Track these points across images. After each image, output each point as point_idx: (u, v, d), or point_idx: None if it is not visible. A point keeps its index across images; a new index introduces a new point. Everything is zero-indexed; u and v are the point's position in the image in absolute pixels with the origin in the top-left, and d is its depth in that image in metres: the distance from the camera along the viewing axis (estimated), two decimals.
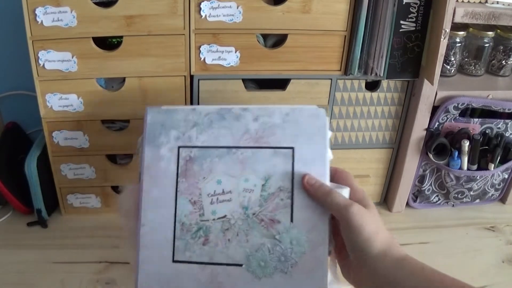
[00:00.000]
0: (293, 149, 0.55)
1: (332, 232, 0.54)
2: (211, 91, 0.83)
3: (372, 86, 0.88)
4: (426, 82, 0.84)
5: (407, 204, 1.00)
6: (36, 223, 0.89)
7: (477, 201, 1.01)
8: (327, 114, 0.55)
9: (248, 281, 0.53)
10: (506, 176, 0.98)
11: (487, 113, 0.90)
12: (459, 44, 0.88)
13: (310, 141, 0.55)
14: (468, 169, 0.92)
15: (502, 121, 0.91)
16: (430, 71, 0.82)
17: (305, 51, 0.81)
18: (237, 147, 0.55)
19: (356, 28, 0.79)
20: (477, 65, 0.92)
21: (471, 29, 0.89)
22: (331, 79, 0.84)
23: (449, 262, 0.86)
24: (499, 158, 0.91)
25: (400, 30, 0.80)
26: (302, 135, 0.55)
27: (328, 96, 0.86)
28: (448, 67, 0.90)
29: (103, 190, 0.91)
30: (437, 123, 0.89)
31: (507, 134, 0.92)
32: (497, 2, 0.81)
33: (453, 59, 0.90)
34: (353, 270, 0.50)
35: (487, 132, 0.91)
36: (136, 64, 0.78)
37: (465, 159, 0.90)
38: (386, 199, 1.02)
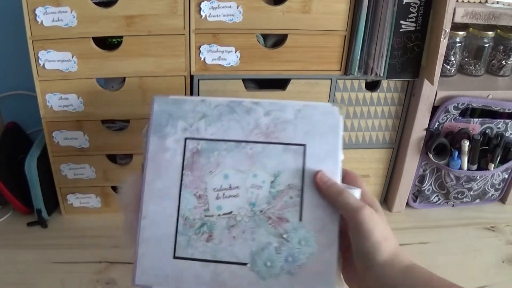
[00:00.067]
0: (304, 146, 0.53)
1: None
2: (211, 91, 0.83)
3: (372, 86, 0.88)
4: (426, 82, 0.84)
5: (407, 204, 1.00)
6: (36, 223, 0.89)
7: (477, 201, 1.01)
8: (341, 112, 0.54)
9: (252, 281, 0.50)
10: (506, 176, 0.98)
11: (487, 113, 0.90)
12: (459, 44, 0.88)
13: (322, 139, 0.53)
14: (468, 169, 0.92)
15: (502, 121, 0.91)
16: (430, 71, 0.82)
17: (305, 51, 0.81)
18: (246, 142, 0.53)
19: (356, 28, 0.79)
20: (477, 65, 0.92)
21: (471, 29, 0.89)
22: (331, 79, 0.84)
23: (449, 262, 0.86)
24: (499, 158, 0.91)
25: (400, 30, 0.80)
26: (315, 132, 0.53)
27: (328, 96, 0.86)
28: (448, 67, 0.90)
29: (103, 190, 0.91)
30: (437, 123, 0.89)
31: (507, 134, 0.92)
32: (497, 2, 0.81)
33: (453, 59, 0.90)
34: (358, 276, 0.49)
35: (487, 132, 0.91)
36: (136, 64, 0.78)
37: (465, 159, 0.90)
38: (386, 199, 1.02)
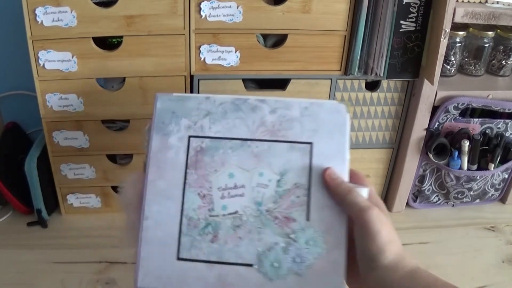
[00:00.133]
0: (311, 144, 0.52)
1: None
2: (211, 91, 0.83)
3: (372, 86, 0.88)
4: (426, 82, 0.84)
5: (407, 204, 1.00)
6: (36, 223, 0.89)
7: (477, 201, 1.01)
8: (347, 110, 0.53)
9: (259, 283, 0.49)
10: (506, 176, 0.98)
11: (487, 113, 0.90)
12: (459, 44, 0.88)
13: (329, 137, 0.52)
14: (468, 169, 0.92)
15: (502, 121, 0.91)
16: (430, 71, 0.82)
17: (305, 51, 0.81)
18: (252, 140, 0.52)
19: (356, 28, 0.79)
20: (477, 65, 0.92)
21: (471, 29, 0.89)
22: (331, 79, 0.84)
23: (449, 262, 0.86)
24: (499, 158, 0.91)
25: (400, 30, 0.80)
26: (322, 130, 0.52)
27: (328, 96, 0.86)
28: (448, 67, 0.90)
29: (103, 190, 0.91)
30: (437, 123, 0.89)
31: (507, 134, 0.92)
32: (497, 2, 0.81)
33: (453, 59, 0.90)
34: (360, 278, 0.48)
35: (487, 132, 0.91)
36: (136, 64, 0.78)
37: (465, 159, 0.90)
38: (386, 199, 1.02)
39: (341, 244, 0.49)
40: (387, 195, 1.01)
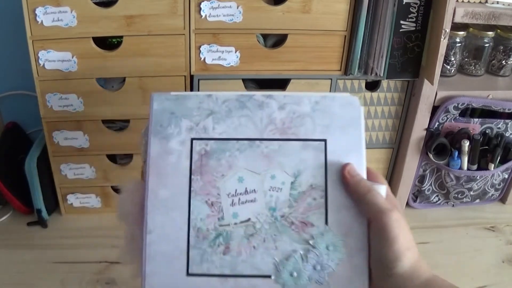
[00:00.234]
0: (325, 141, 0.48)
1: None
2: (211, 91, 0.83)
3: (372, 86, 0.88)
4: (426, 82, 0.84)
5: (407, 204, 1.00)
6: (36, 223, 0.89)
7: (477, 201, 1.01)
8: (361, 103, 0.50)
9: None
10: (506, 176, 0.98)
11: (487, 113, 0.90)
12: (459, 44, 0.88)
13: (343, 132, 0.48)
14: (468, 169, 0.92)
15: (502, 121, 0.91)
16: (430, 71, 0.82)
17: (305, 51, 0.81)
18: (261, 139, 0.48)
19: (356, 28, 0.79)
20: (477, 65, 0.92)
21: (471, 29, 0.89)
22: (331, 79, 0.84)
23: (449, 262, 0.86)
24: (499, 158, 0.91)
25: (400, 30, 0.80)
26: (335, 125, 0.49)
27: None
28: (448, 67, 0.90)
29: (103, 190, 0.91)
30: (437, 123, 0.89)
31: (507, 134, 0.92)
32: (497, 2, 0.81)
33: (453, 59, 0.90)
34: (373, 285, 0.46)
35: (487, 132, 0.91)
36: (136, 64, 0.78)
37: (465, 159, 0.90)
38: None
39: (362, 246, 0.46)
40: None
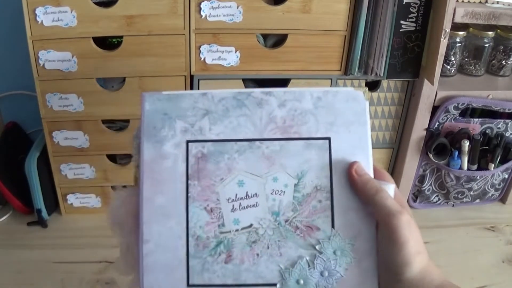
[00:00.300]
0: (329, 139, 0.46)
1: None
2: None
3: (372, 86, 0.88)
4: (426, 82, 0.84)
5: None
6: (36, 223, 0.89)
7: (477, 201, 1.01)
8: (366, 98, 0.47)
9: None
10: (506, 176, 0.98)
11: (487, 113, 0.90)
12: (459, 44, 0.88)
13: (348, 129, 0.46)
14: (468, 169, 0.92)
15: (502, 121, 0.90)
16: (430, 71, 0.82)
17: (305, 51, 0.81)
18: (261, 140, 0.46)
19: (356, 28, 0.79)
20: (477, 65, 0.92)
21: (471, 29, 0.89)
22: (331, 79, 0.84)
23: (449, 262, 0.86)
24: (499, 158, 0.91)
25: (400, 30, 0.80)
26: (339, 122, 0.46)
27: None
28: (448, 67, 0.90)
29: (103, 190, 0.91)
30: (437, 123, 0.89)
31: (507, 134, 0.92)
32: (497, 2, 0.81)
33: (453, 59, 0.90)
34: None
35: (487, 132, 0.91)
36: (136, 64, 0.78)
37: (465, 159, 0.90)
38: None
39: (371, 251, 0.44)
40: None
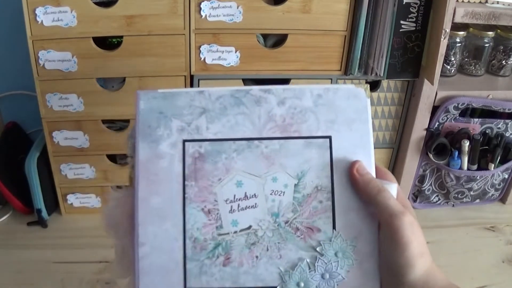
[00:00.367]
0: (330, 138, 0.45)
1: None
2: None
3: (372, 86, 0.88)
4: (426, 82, 0.84)
5: None
6: (36, 223, 0.89)
7: (477, 201, 1.01)
8: (367, 95, 0.46)
9: None
10: (506, 176, 0.98)
11: (487, 113, 0.90)
12: (459, 44, 0.88)
13: (349, 127, 0.45)
14: (468, 169, 0.92)
15: (502, 121, 0.90)
16: (430, 71, 0.82)
17: (305, 51, 0.81)
18: (260, 139, 0.45)
19: (356, 28, 0.79)
20: (477, 65, 0.92)
21: (471, 29, 0.89)
22: (331, 79, 0.84)
23: (449, 262, 0.86)
24: (499, 158, 0.91)
25: (400, 30, 0.80)
26: (340, 120, 0.45)
27: None
28: (448, 67, 0.90)
29: (103, 190, 0.91)
30: (437, 123, 0.89)
31: (507, 134, 0.92)
32: (497, 2, 0.81)
33: (453, 59, 0.90)
34: None
35: (487, 132, 0.91)
36: (136, 64, 0.78)
37: (465, 159, 0.90)
38: None
39: (373, 253, 0.43)
40: None
